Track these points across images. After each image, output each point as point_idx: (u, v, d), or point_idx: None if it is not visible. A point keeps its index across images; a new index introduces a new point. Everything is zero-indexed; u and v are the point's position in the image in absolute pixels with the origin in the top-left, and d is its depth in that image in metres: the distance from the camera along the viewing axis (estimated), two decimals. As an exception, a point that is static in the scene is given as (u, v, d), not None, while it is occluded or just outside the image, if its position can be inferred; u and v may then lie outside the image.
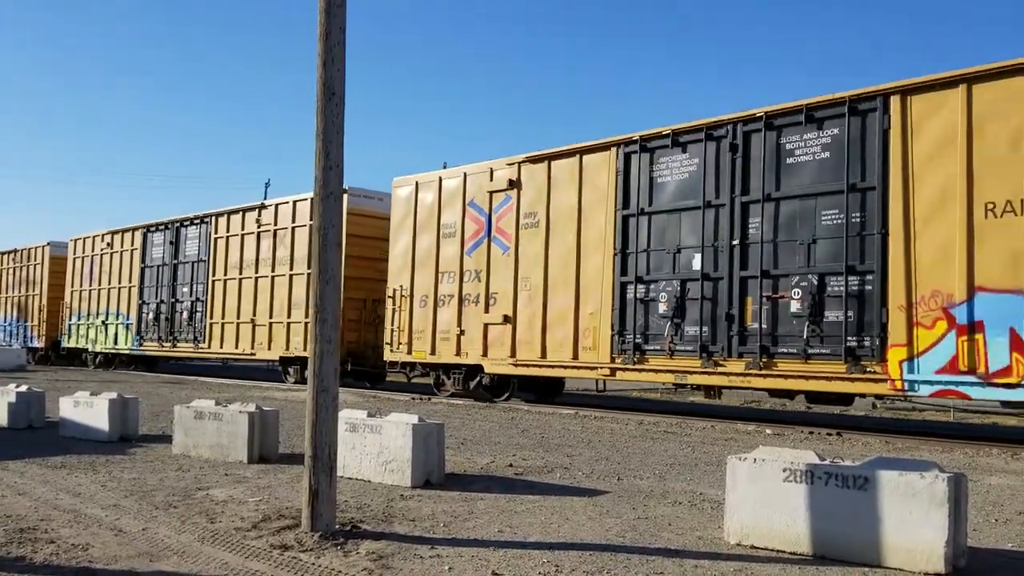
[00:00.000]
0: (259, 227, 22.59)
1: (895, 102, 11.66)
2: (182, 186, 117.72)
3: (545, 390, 17.77)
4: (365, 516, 5.92)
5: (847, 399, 13.34)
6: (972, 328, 10.76)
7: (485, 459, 8.86)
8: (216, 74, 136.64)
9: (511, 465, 8.47)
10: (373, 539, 5.26)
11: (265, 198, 24.94)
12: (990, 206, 10.70)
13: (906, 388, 11.38)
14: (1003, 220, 10.63)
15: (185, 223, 25.20)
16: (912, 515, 4.59)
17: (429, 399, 17.43)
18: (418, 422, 7.29)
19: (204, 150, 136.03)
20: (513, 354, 15.99)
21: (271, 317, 21.90)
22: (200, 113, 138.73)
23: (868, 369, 11.69)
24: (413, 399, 17.44)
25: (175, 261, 25.32)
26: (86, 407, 10.26)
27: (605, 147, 14.98)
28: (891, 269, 11.53)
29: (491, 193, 16.64)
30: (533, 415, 14.30)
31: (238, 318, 22.93)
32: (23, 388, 11.60)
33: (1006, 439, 12.32)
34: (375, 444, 7.39)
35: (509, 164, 16.33)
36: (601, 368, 14.74)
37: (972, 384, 10.79)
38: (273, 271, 22.00)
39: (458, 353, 17.06)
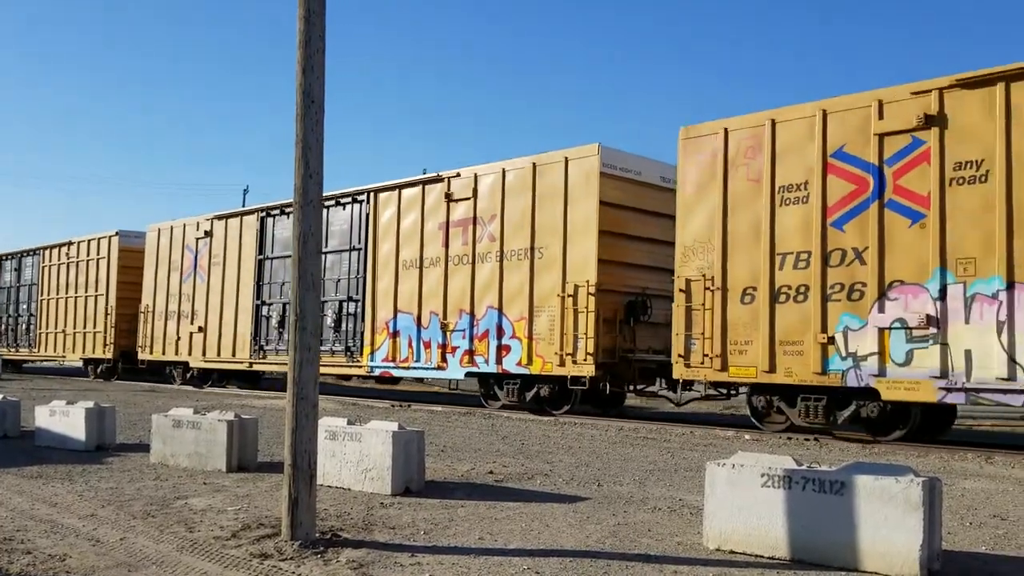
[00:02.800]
0: (68, 259, 29.22)
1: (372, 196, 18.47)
2: (155, 193, 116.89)
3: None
4: (345, 524, 5.91)
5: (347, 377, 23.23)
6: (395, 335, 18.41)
7: (465, 466, 8.86)
8: (193, 79, 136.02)
9: (491, 472, 8.48)
10: (353, 547, 5.25)
11: (243, 204, 30.22)
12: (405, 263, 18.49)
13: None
14: (408, 272, 18.31)
15: (26, 253, 31.96)
16: (888, 519, 4.65)
17: (409, 406, 17.41)
18: (398, 429, 7.29)
19: (179, 156, 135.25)
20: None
21: (75, 328, 28.64)
22: (177, 118, 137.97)
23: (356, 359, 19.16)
24: (393, 406, 17.42)
25: (18, 284, 32.42)
26: (62, 416, 10.17)
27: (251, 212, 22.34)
28: (367, 298, 18.86)
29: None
30: (513, 422, 14.31)
31: (56, 328, 29.68)
32: (-2, 397, 11.47)
33: (980, 443, 12.46)
34: (355, 452, 7.38)
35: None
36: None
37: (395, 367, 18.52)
38: (77, 293, 28.71)
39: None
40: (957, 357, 10.80)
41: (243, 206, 29.36)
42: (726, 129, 13.24)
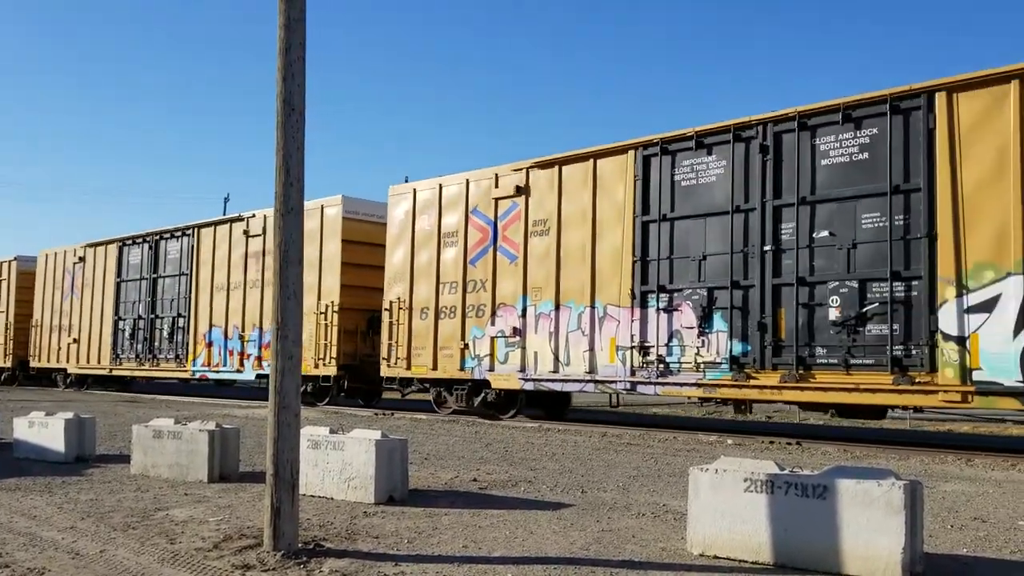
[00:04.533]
0: None
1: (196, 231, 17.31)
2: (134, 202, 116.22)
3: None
4: (328, 534, 5.88)
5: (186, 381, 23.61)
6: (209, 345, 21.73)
7: (449, 474, 8.84)
8: (175, 85, 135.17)
9: (475, 480, 8.46)
10: (336, 557, 5.22)
11: (224, 212, 31.53)
12: None
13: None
14: (219, 293, 22.11)
15: None
16: (869, 523, 4.67)
17: (392, 414, 17.36)
18: (381, 438, 7.26)
19: (159, 163, 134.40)
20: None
21: None
22: (154, 125, 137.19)
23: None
24: (376, 414, 17.36)
25: None
26: (41, 427, 10.07)
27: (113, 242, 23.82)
28: (191, 315, 20.31)
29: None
30: (497, 429, 14.29)
31: None
32: (-25, 409, 11.36)
33: (961, 446, 12.57)
34: (338, 461, 7.34)
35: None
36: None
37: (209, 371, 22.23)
38: None
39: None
40: (530, 356, 15.31)
41: (224, 214, 31.55)
42: (415, 189, 17.69)
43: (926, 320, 11.01)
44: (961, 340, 10.72)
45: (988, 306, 10.56)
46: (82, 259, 27.39)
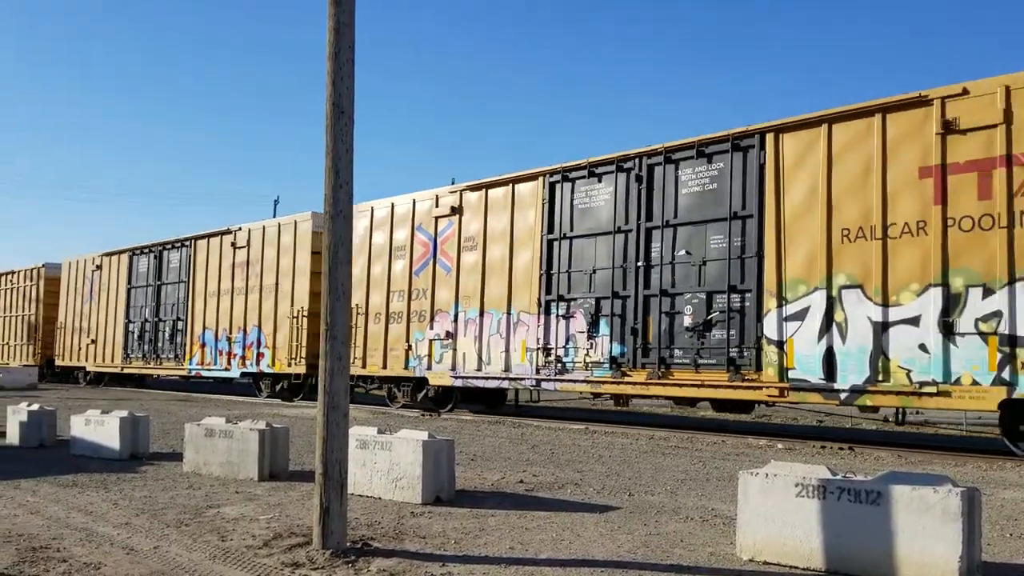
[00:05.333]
0: (11, 286, 35.75)
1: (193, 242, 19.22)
2: (191, 204, 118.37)
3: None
4: (376, 533, 5.92)
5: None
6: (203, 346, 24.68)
7: (495, 475, 8.84)
8: (226, 90, 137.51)
9: (522, 481, 8.46)
10: (384, 556, 5.25)
11: (274, 215, 34.00)
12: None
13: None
14: (211, 299, 26.23)
15: None
16: (925, 530, 4.57)
17: (439, 414, 17.45)
18: (428, 438, 7.29)
19: (212, 167, 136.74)
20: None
21: (10, 341, 35.63)
22: (206, 129, 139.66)
23: None
24: (423, 415, 17.46)
25: None
26: (97, 425, 10.29)
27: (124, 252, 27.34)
28: (189, 318, 23.34)
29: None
30: (543, 431, 14.28)
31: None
32: (34, 407, 11.64)
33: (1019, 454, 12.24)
34: (385, 461, 7.39)
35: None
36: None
37: (202, 369, 27.02)
38: (12, 313, 35.68)
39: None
40: (460, 357, 17.42)
41: (273, 216, 34.56)
42: (372, 208, 19.89)
43: (755, 327, 13.07)
44: (780, 344, 12.73)
45: (801, 315, 12.56)
46: (99, 267, 30.36)
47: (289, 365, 21.99)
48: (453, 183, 18.56)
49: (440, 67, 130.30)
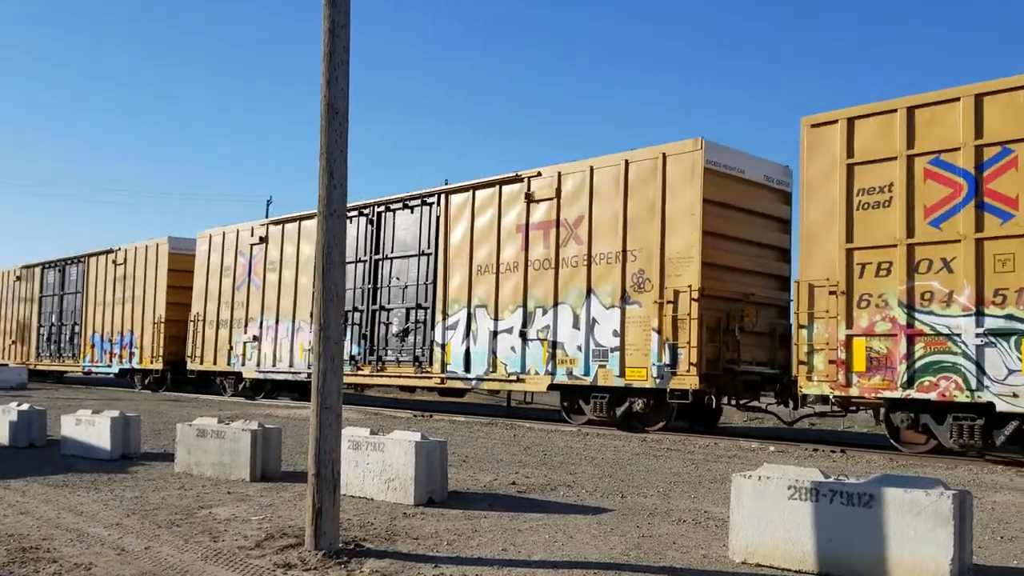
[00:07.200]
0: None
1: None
2: (185, 203, 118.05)
3: None
4: (368, 534, 5.91)
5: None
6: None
7: (488, 477, 8.84)
8: (218, 88, 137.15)
9: (514, 483, 8.45)
10: (377, 557, 5.24)
11: (266, 215, 35.24)
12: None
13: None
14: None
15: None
16: (917, 533, 4.58)
17: (431, 416, 17.44)
18: (421, 440, 7.28)
19: (203, 166, 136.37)
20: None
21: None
22: (199, 127, 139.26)
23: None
24: (415, 416, 17.45)
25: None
26: (88, 425, 10.25)
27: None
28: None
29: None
30: (536, 432, 14.28)
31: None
32: (24, 406, 11.59)
33: (1010, 457, 12.30)
34: (378, 462, 7.38)
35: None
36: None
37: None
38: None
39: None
40: (262, 356, 22.46)
41: (266, 216, 34.39)
42: (210, 235, 24.99)
43: (430, 334, 17.98)
44: (443, 346, 17.65)
45: (455, 326, 17.46)
46: (19, 278, 34.87)
47: (151, 362, 26.75)
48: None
49: (434, 67, 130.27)
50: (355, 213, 19.85)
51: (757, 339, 14.64)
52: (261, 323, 22.53)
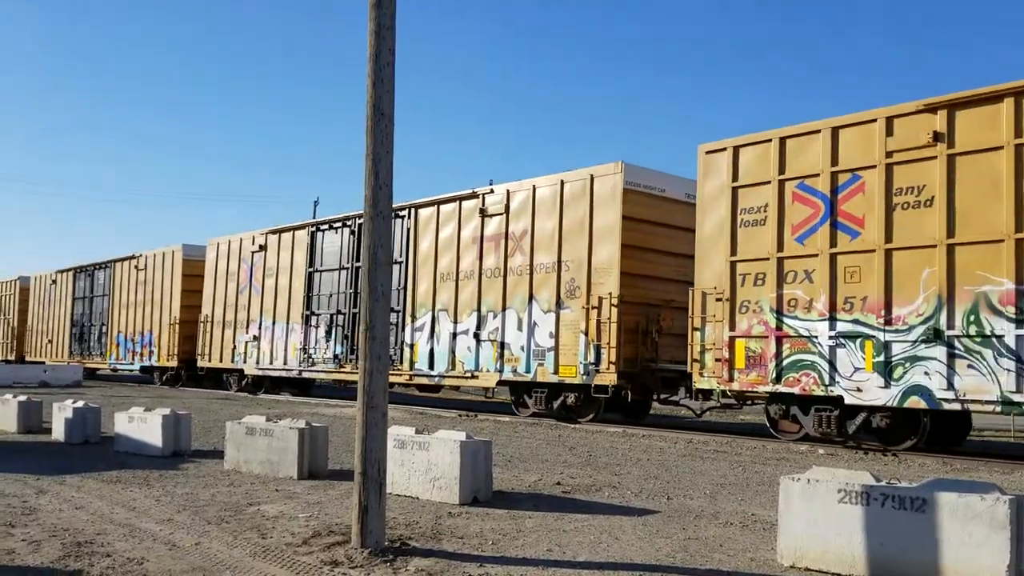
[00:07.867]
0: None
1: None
2: (229, 204, 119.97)
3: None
4: (414, 533, 5.94)
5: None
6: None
7: (532, 476, 8.83)
8: (266, 91, 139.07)
9: (559, 483, 8.44)
10: (422, 556, 5.27)
11: (314, 216, 37.40)
12: None
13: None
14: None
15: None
16: (972, 538, 4.48)
17: (476, 416, 17.50)
18: (466, 439, 7.30)
19: (252, 168, 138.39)
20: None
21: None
22: (248, 130, 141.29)
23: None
24: (460, 415, 17.51)
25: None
26: (140, 423, 10.45)
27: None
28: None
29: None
30: (580, 433, 14.24)
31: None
32: (79, 404, 11.86)
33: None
34: (423, 461, 7.41)
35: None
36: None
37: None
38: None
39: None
40: (261, 354, 24.52)
41: (313, 217, 36.21)
42: (218, 243, 27.18)
43: (401, 335, 19.63)
44: (412, 346, 19.46)
45: (422, 328, 19.26)
46: (54, 282, 37.21)
47: (168, 360, 28.86)
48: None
49: (484, 69, 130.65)
50: (339, 224, 22.14)
51: (675, 340, 15.68)
52: (260, 324, 24.67)
